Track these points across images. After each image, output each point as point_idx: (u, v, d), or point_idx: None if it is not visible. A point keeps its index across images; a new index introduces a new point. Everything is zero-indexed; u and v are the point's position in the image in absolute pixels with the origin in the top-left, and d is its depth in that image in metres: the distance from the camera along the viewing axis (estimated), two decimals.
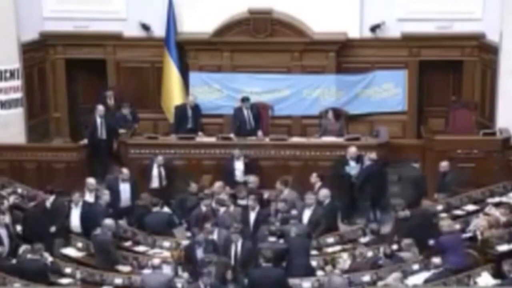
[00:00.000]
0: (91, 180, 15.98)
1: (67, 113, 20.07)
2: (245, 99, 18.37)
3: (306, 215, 15.17)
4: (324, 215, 15.30)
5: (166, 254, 14.57)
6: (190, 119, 18.53)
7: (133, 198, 16.21)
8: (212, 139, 18.09)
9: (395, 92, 19.04)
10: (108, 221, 14.56)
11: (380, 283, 13.41)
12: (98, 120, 18.13)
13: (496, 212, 15.18)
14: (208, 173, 17.30)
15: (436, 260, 13.45)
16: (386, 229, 15.72)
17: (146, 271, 13.79)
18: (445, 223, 14.25)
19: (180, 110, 18.60)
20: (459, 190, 16.34)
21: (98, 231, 14.69)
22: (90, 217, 15.16)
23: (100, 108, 18.21)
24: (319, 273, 14.06)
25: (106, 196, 15.67)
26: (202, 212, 15.26)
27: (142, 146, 17.88)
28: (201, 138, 18.16)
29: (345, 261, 14.01)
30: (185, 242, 14.82)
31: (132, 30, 19.42)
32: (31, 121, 19.02)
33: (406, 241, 14.28)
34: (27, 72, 18.98)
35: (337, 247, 15.00)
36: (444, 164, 16.50)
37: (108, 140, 18.29)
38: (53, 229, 15.15)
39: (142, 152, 17.75)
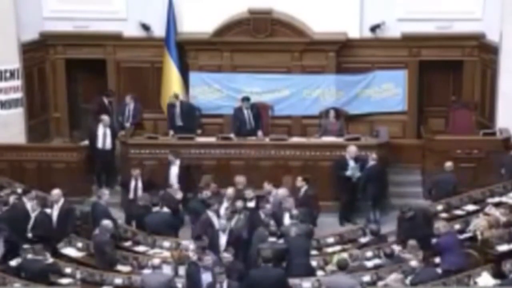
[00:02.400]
0: (56, 191, 15.67)
1: (67, 113, 20.07)
2: (245, 99, 18.37)
3: (286, 218, 15.13)
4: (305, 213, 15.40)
5: (166, 254, 14.56)
6: (179, 117, 18.55)
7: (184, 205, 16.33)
8: (212, 139, 18.09)
9: (395, 92, 19.04)
10: (106, 222, 14.54)
11: (380, 283, 13.41)
12: (101, 130, 18.00)
13: (496, 212, 15.18)
14: (208, 173, 17.28)
15: (414, 263, 13.43)
16: (386, 229, 15.76)
17: (146, 271, 13.79)
18: (440, 225, 14.24)
19: (170, 108, 18.64)
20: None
21: (96, 231, 14.69)
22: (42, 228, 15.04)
23: (105, 118, 18.05)
24: (319, 273, 14.06)
25: (106, 196, 15.67)
26: (209, 218, 15.05)
27: (142, 146, 17.88)
28: (200, 138, 18.16)
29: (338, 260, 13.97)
30: (185, 242, 14.79)
31: (132, 30, 19.42)
32: (31, 121, 19.03)
33: (411, 243, 14.24)
34: (27, 72, 18.98)
35: (337, 247, 15.02)
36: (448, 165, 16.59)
37: (113, 149, 18.26)
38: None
39: (142, 152, 17.75)
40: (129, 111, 18.84)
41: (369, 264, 14.20)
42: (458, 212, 15.93)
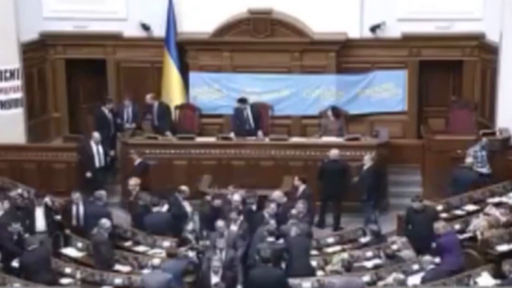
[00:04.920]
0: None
1: (67, 113, 20.05)
2: (241, 100, 18.36)
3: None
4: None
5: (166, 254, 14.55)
6: (155, 116, 18.64)
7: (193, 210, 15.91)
8: (212, 139, 18.10)
9: (395, 92, 19.03)
10: (103, 221, 14.53)
11: (380, 283, 13.42)
12: (94, 148, 17.61)
13: (496, 212, 15.19)
14: (208, 173, 17.30)
15: (427, 257, 13.50)
16: (386, 229, 15.78)
17: (146, 271, 13.78)
18: (440, 225, 14.24)
19: (148, 108, 18.74)
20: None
21: (94, 231, 14.67)
22: None
23: (96, 135, 17.66)
24: (319, 273, 14.07)
25: (104, 197, 15.63)
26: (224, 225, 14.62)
27: (142, 146, 17.87)
28: (200, 138, 18.17)
29: (342, 261, 13.97)
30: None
31: (132, 30, 19.42)
32: (31, 121, 19.01)
33: (402, 240, 14.35)
34: (27, 72, 18.97)
35: (337, 247, 15.03)
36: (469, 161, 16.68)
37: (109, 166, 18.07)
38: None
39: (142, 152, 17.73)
40: (128, 113, 18.82)
41: (369, 264, 14.21)
42: (458, 212, 15.93)
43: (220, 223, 14.43)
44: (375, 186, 16.87)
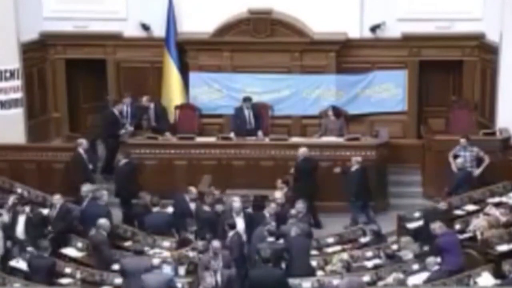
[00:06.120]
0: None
1: (67, 113, 20.04)
2: (246, 99, 18.40)
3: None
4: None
5: (166, 254, 14.55)
6: (153, 118, 18.73)
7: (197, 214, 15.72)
8: (212, 139, 18.10)
9: (395, 92, 19.03)
10: (102, 221, 14.52)
11: (380, 283, 13.42)
12: (84, 156, 17.28)
13: (496, 212, 15.20)
14: (208, 173, 17.30)
15: (431, 259, 13.52)
16: (385, 229, 15.78)
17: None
18: (437, 226, 14.24)
19: (145, 109, 18.79)
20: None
21: (93, 231, 14.66)
22: None
23: (84, 142, 17.29)
24: (319, 273, 14.07)
25: (105, 196, 15.59)
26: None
27: (142, 146, 17.88)
28: (200, 138, 18.18)
29: (341, 261, 13.97)
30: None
31: (132, 30, 19.42)
32: (31, 121, 19.01)
33: (404, 239, 14.35)
34: (27, 72, 18.97)
35: (337, 247, 15.03)
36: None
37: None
38: None
39: (142, 152, 17.75)
40: (127, 112, 18.82)
41: (369, 264, 14.22)
42: (458, 212, 15.94)
43: (216, 243, 13.63)
44: (362, 188, 16.78)
